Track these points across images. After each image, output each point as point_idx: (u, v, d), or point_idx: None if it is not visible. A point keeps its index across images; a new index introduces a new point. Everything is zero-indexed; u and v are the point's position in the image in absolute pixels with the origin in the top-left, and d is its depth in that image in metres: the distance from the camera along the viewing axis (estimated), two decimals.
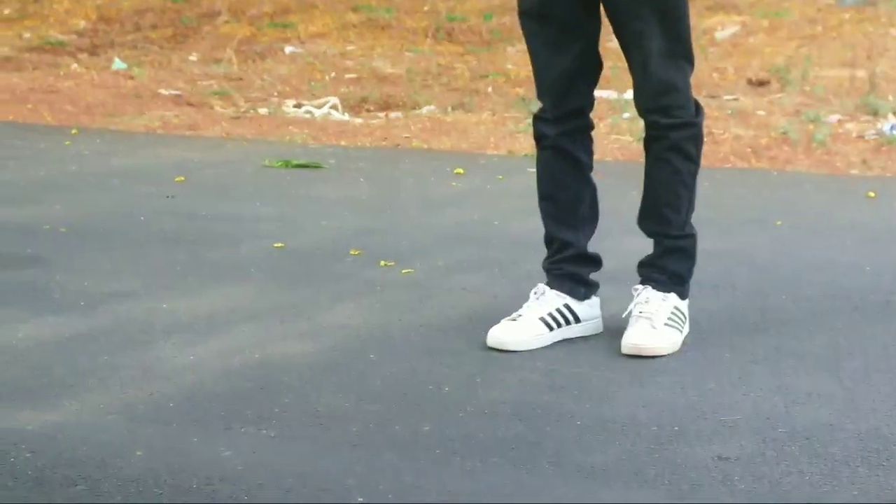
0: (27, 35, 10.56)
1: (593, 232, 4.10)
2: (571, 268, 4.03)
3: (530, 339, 3.90)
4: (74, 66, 9.76)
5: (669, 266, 3.98)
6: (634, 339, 3.83)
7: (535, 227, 4.24)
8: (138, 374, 3.85)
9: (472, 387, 3.63)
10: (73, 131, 7.81)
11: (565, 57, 3.87)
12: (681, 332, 3.94)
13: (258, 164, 7.03)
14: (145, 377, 3.82)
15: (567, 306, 3.98)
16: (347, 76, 9.45)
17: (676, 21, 3.81)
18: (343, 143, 7.79)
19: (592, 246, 4.10)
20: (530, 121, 4.18)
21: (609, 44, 3.99)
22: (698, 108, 3.94)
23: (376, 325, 4.13)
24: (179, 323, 4.35)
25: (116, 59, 9.83)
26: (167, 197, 6.30)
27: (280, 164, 7.00)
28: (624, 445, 3.19)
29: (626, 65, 3.90)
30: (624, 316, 3.95)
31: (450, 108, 8.69)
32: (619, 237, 4.84)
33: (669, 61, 3.79)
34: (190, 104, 8.66)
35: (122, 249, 5.30)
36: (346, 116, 8.56)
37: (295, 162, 7.03)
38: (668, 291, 3.93)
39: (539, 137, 4.04)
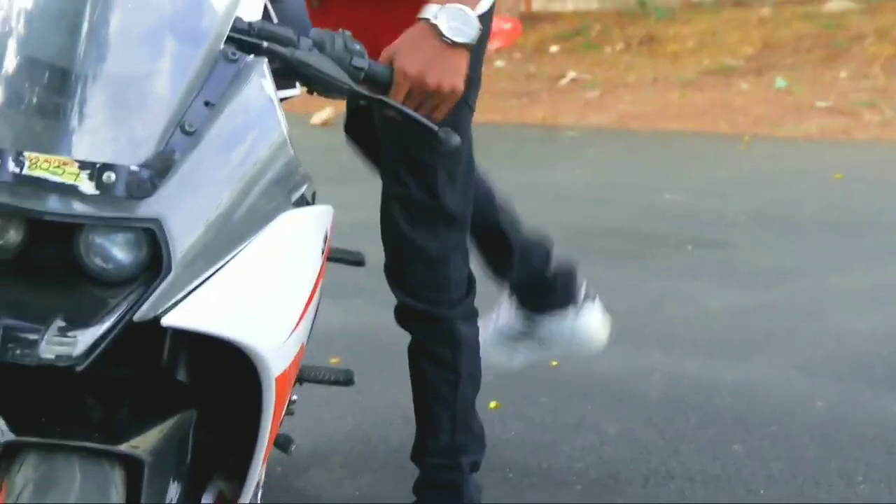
0: (706, 62, 10.68)
1: None
2: None
3: None
4: (744, 85, 9.77)
5: None
6: None
7: None
8: (813, 337, 3.82)
9: None
10: (746, 139, 7.82)
11: None
12: None
13: None
14: (819, 340, 3.78)
15: None
16: None
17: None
18: None
19: None
20: None
21: None
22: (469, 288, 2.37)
23: None
24: (845, 297, 4.26)
25: (778, 79, 9.74)
26: (822, 192, 6.16)
27: None
28: None
29: None
30: None
31: None
32: None
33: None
34: (842, 114, 8.43)
35: (792, 234, 5.25)
36: None
37: None
38: None
39: None
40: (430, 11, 1.77)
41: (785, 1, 12.65)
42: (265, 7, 1.84)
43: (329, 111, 8.62)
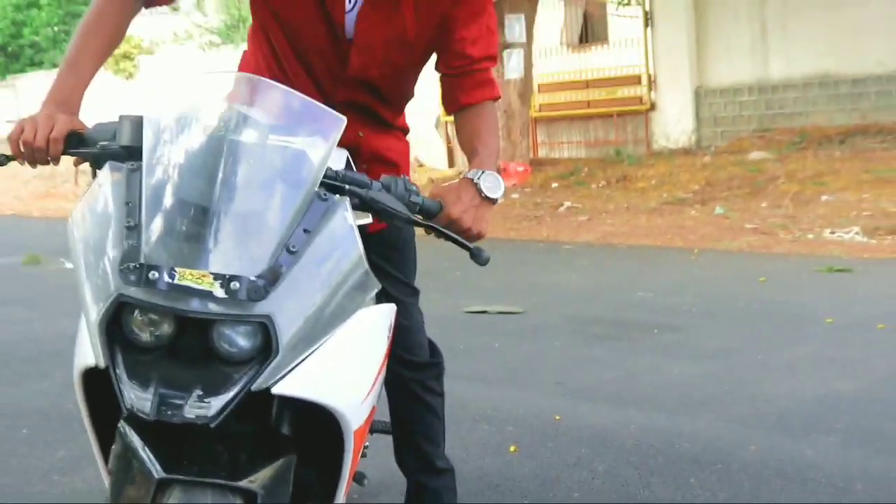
0: (665, 195, 10.70)
1: None
2: None
3: None
4: (693, 212, 9.73)
5: None
6: None
7: None
8: (747, 398, 3.74)
9: None
10: (695, 251, 7.77)
11: None
12: None
13: (812, 270, 6.63)
14: (752, 401, 3.71)
15: None
16: (864, 213, 8.73)
17: None
18: (866, 255, 7.18)
19: None
20: None
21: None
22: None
23: None
24: (770, 368, 4.19)
25: (717, 207, 9.70)
26: (751, 291, 6.08)
27: (825, 269, 6.55)
28: None
29: None
30: None
31: None
32: None
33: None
34: (763, 233, 8.35)
35: (730, 322, 5.18)
36: (866, 239, 7.90)
37: (836, 268, 6.56)
38: None
39: None
40: (473, 174, 1.79)
41: (720, 151, 12.68)
42: (347, 159, 1.86)
43: None
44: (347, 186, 1.60)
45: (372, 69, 2.01)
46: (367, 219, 1.72)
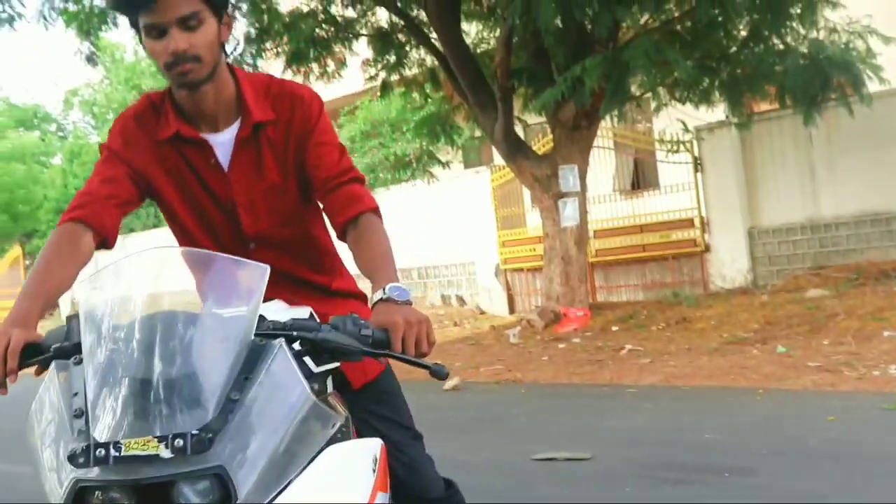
0: (725, 335, 10.53)
1: None
2: None
3: None
4: (754, 351, 9.55)
5: None
6: None
7: None
8: None
9: None
10: (760, 391, 7.60)
11: None
12: None
13: (881, 408, 6.43)
14: None
15: None
16: None
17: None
18: None
19: None
20: None
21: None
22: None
23: None
24: None
25: (779, 346, 9.51)
26: (821, 430, 5.89)
27: (895, 406, 6.35)
28: None
29: None
30: None
31: None
32: None
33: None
34: (828, 371, 8.14)
35: (802, 463, 5.03)
36: None
37: None
38: None
39: None
40: (379, 294, 1.81)
41: (777, 290, 12.53)
42: (311, 313, 1.91)
43: (457, 380, 8.62)
44: (295, 333, 1.63)
45: (262, 221, 2.12)
46: (335, 364, 1.73)
